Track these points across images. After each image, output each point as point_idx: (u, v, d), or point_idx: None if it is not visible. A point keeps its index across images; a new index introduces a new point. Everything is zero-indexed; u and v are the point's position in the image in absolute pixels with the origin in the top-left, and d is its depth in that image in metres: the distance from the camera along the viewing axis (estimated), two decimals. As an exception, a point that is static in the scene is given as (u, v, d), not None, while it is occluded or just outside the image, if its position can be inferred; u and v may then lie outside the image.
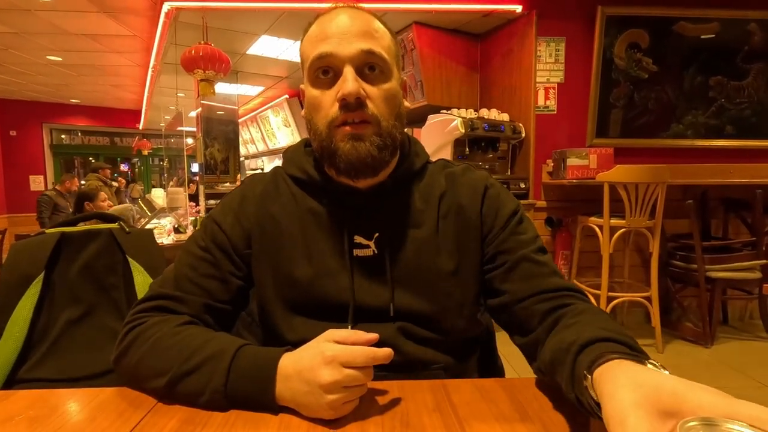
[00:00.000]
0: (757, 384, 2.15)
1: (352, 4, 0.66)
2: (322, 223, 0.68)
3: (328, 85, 0.63)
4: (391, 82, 0.65)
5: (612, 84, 2.93)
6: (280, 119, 6.26)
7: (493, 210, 0.70)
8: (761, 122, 3.02)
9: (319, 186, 0.69)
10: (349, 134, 0.62)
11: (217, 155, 4.78)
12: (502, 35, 3.30)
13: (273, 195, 0.71)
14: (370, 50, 0.61)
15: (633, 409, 0.33)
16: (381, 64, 0.63)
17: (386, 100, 0.64)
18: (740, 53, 2.95)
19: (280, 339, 0.67)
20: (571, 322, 0.55)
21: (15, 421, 0.48)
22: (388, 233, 0.67)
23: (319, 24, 0.65)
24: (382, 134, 0.63)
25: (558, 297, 0.61)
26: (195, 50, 2.83)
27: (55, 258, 0.91)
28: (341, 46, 0.61)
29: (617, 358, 0.40)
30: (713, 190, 2.93)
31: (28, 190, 7.01)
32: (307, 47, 0.65)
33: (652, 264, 2.52)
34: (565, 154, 2.77)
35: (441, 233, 0.68)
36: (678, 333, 2.78)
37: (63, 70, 5.41)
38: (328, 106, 0.62)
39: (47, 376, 0.83)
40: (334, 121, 0.62)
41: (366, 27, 0.63)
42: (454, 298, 0.68)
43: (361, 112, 0.61)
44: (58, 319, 0.89)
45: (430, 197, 0.70)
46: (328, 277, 0.66)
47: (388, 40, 0.66)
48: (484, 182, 0.72)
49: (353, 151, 0.61)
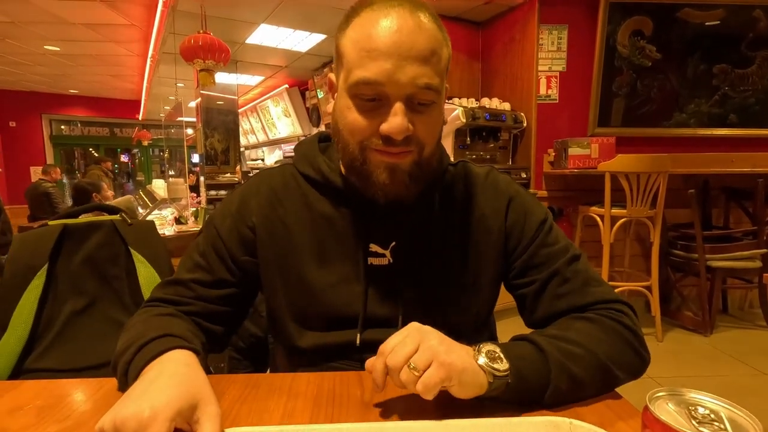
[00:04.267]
0: (755, 372, 2.17)
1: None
2: (336, 229, 0.65)
3: (370, 109, 0.56)
4: (439, 107, 0.59)
5: (615, 72, 2.91)
6: (280, 109, 6.22)
7: (519, 223, 0.66)
8: (765, 111, 3.00)
9: (334, 190, 0.65)
10: (387, 164, 0.56)
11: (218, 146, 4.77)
12: (503, 23, 3.26)
13: (281, 196, 0.68)
14: (428, 85, 0.54)
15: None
16: (434, 97, 0.56)
17: (432, 127, 0.58)
18: (745, 40, 2.92)
19: (291, 345, 0.67)
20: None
21: (24, 410, 0.49)
22: (405, 243, 0.64)
23: (371, 27, 0.54)
24: (421, 163, 0.58)
25: (585, 312, 0.61)
26: (194, 40, 2.81)
27: (58, 250, 0.92)
28: (396, 76, 0.53)
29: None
30: (715, 180, 2.92)
31: (29, 181, 7.01)
32: (350, 52, 0.56)
33: (653, 253, 2.52)
34: (566, 143, 2.76)
35: (460, 244, 0.66)
36: (678, 322, 2.80)
37: (61, 60, 5.37)
38: (365, 130, 0.56)
39: (53, 366, 0.84)
40: (371, 144, 0.56)
41: (428, 46, 0.54)
42: (469, 311, 0.66)
43: (404, 145, 0.56)
44: (62, 310, 0.90)
45: (450, 204, 0.67)
46: (341, 285, 0.64)
47: (445, 57, 0.58)
48: (508, 191, 0.68)
49: (388, 182, 0.57)
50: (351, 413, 0.48)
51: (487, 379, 0.47)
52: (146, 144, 8.36)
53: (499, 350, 0.49)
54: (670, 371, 2.21)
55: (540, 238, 0.65)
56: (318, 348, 0.64)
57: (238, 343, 1.00)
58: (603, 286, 0.63)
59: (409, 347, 0.46)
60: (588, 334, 0.55)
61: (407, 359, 0.45)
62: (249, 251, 0.67)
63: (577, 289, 0.61)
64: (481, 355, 0.48)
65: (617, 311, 0.59)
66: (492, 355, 0.48)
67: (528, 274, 0.65)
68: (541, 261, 0.64)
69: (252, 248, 0.67)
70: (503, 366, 0.47)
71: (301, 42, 4.32)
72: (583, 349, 0.52)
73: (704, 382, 2.08)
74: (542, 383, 0.49)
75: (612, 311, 0.59)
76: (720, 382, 2.08)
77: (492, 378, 0.47)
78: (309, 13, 3.58)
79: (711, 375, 2.15)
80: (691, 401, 0.31)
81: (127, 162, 9.34)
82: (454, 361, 0.45)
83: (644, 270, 2.88)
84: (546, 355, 0.50)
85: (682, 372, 2.20)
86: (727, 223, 3.00)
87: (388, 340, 0.48)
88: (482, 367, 0.47)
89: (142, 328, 0.56)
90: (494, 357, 0.48)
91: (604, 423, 0.45)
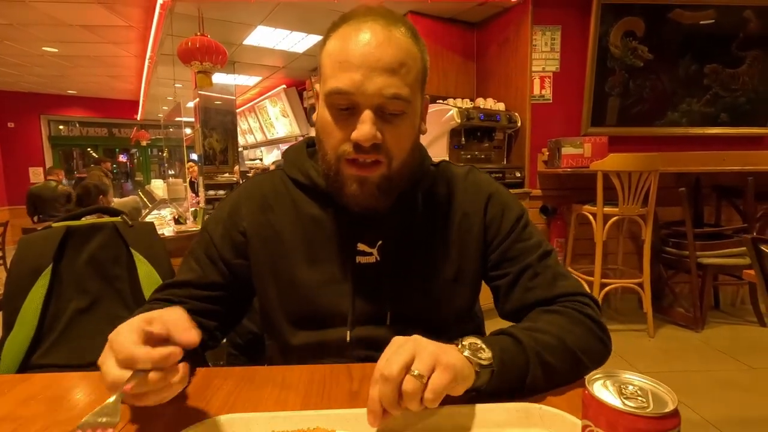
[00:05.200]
0: (745, 367, 2.21)
1: (382, 14, 0.60)
2: (325, 230, 0.68)
3: (343, 118, 0.59)
4: (411, 118, 0.62)
5: (607, 72, 2.94)
6: (278, 109, 6.25)
7: (497, 218, 0.70)
8: (755, 110, 3.04)
9: (322, 193, 0.68)
10: (356, 177, 0.60)
11: (216, 146, 4.79)
12: (498, 24, 3.29)
13: (272, 201, 0.71)
14: (395, 95, 0.57)
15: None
16: (403, 107, 0.59)
17: (403, 138, 0.61)
18: (735, 40, 2.96)
19: (284, 343, 0.70)
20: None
21: (35, 400, 0.53)
22: (391, 241, 0.67)
23: (344, 41, 0.58)
24: (391, 177, 0.61)
25: (553, 304, 0.65)
26: (191, 42, 2.83)
27: (62, 250, 0.96)
28: (364, 86, 0.56)
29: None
30: (706, 178, 2.96)
31: (28, 182, 7.03)
32: (327, 63, 0.60)
33: (645, 251, 2.56)
34: (560, 143, 2.80)
35: (443, 240, 0.69)
36: (669, 318, 2.84)
37: (59, 61, 5.39)
38: (339, 137, 0.59)
39: (58, 362, 0.88)
40: (344, 155, 0.60)
41: (396, 58, 0.57)
42: (454, 304, 0.70)
43: (375, 153, 0.59)
44: (66, 309, 0.94)
45: (433, 204, 0.70)
46: (330, 284, 0.67)
47: (416, 69, 0.60)
48: (488, 189, 0.72)
49: (359, 193, 0.61)
50: (340, 403, 0.52)
51: (474, 369, 0.48)
52: (144, 144, 8.37)
53: (480, 341, 0.52)
54: (661, 366, 2.25)
55: (515, 233, 0.69)
56: (310, 346, 0.68)
57: (235, 339, 1.03)
58: (570, 281, 0.67)
59: (405, 357, 0.44)
60: (557, 324, 0.59)
61: (406, 368, 0.43)
62: (241, 255, 0.70)
63: (547, 283, 0.66)
64: (465, 349, 0.50)
65: (582, 303, 0.63)
66: (474, 347, 0.51)
67: (502, 267, 0.69)
68: (515, 255, 0.68)
69: (244, 252, 0.70)
70: (487, 355, 0.50)
71: (298, 43, 4.35)
72: (554, 339, 0.56)
73: (694, 377, 2.12)
74: (522, 371, 0.52)
75: (577, 303, 0.63)
76: (710, 376, 2.12)
77: (478, 368, 0.48)
78: (305, 15, 3.61)
79: (701, 370, 2.20)
80: (623, 381, 0.35)
81: (126, 162, 9.35)
82: (455, 362, 0.45)
83: (637, 267, 2.93)
84: (523, 345, 0.54)
85: (672, 367, 2.24)
86: (719, 221, 3.04)
87: (381, 360, 0.46)
88: (468, 359, 0.49)
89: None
90: (477, 348, 0.50)
91: (573, 409, 0.48)
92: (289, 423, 0.46)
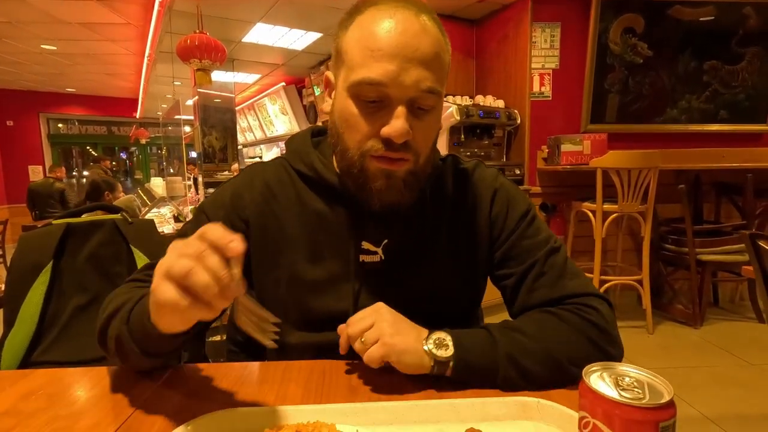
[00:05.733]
0: (743, 363, 2.22)
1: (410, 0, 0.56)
2: (329, 226, 0.65)
3: (370, 111, 0.55)
4: (438, 113, 0.59)
5: (607, 69, 2.94)
6: (277, 107, 6.24)
7: (502, 214, 0.67)
8: (754, 106, 3.04)
9: (328, 187, 0.65)
10: (384, 172, 0.57)
11: (216, 143, 4.79)
12: (497, 21, 3.29)
13: (276, 191, 0.67)
14: (430, 89, 0.54)
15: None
16: (434, 102, 0.57)
17: (430, 134, 0.59)
18: (735, 37, 2.95)
19: (281, 343, 0.66)
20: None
21: (36, 395, 0.53)
22: (397, 240, 0.65)
23: (375, 26, 0.54)
24: (417, 172, 0.59)
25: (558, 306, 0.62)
26: (190, 40, 2.83)
27: (62, 248, 0.96)
28: (400, 78, 0.53)
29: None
30: (705, 175, 2.97)
31: (27, 180, 7.03)
32: (353, 50, 0.55)
33: (644, 248, 2.57)
34: (559, 140, 2.80)
35: (450, 239, 0.67)
36: (668, 315, 2.85)
37: (58, 59, 5.38)
38: (366, 132, 0.56)
39: (58, 359, 0.88)
40: (371, 151, 0.56)
41: (432, 49, 0.54)
42: (459, 305, 0.69)
43: (404, 151, 0.56)
44: (67, 306, 0.94)
45: (440, 200, 0.68)
46: (332, 283, 0.64)
47: (447, 62, 0.58)
48: (493, 184, 0.69)
49: (384, 188, 0.58)
50: (339, 396, 0.52)
51: (430, 363, 0.53)
52: (144, 142, 8.37)
53: (449, 339, 0.54)
54: (661, 362, 2.26)
55: (520, 229, 0.66)
56: (309, 346, 0.66)
57: (236, 336, 1.04)
58: (578, 279, 0.63)
59: (365, 323, 0.54)
60: (548, 329, 0.57)
61: (362, 333, 0.54)
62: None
63: (551, 283, 0.63)
64: (429, 341, 0.54)
65: (588, 306, 0.59)
66: (439, 342, 0.54)
67: (507, 266, 0.66)
68: (520, 253, 0.65)
69: (245, 241, 0.68)
70: (447, 353, 0.53)
71: (297, 41, 4.34)
72: (537, 344, 0.55)
73: (693, 373, 2.13)
74: (491, 371, 0.53)
75: (583, 307, 0.59)
76: (709, 372, 2.13)
77: (433, 362, 0.53)
78: (304, 12, 3.61)
79: (700, 366, 2.20)
80: (620, 372, 0.36)
81: (125, 160, 9.35)
82: (397, 344, 0.52)
83: (636, 264, 2.93)
84: (497, 347, 0.54)
85: (672, 363, 2.25)
86: (718, 218, 3.04)
87: (354, 315, 0.57)
88: (427, 352, 0.53)
89: (126, 297, 0.56)
90: (441, 344, 0.54)
91: (571, 403, 0.47)
92: (289, 417, 0.46)
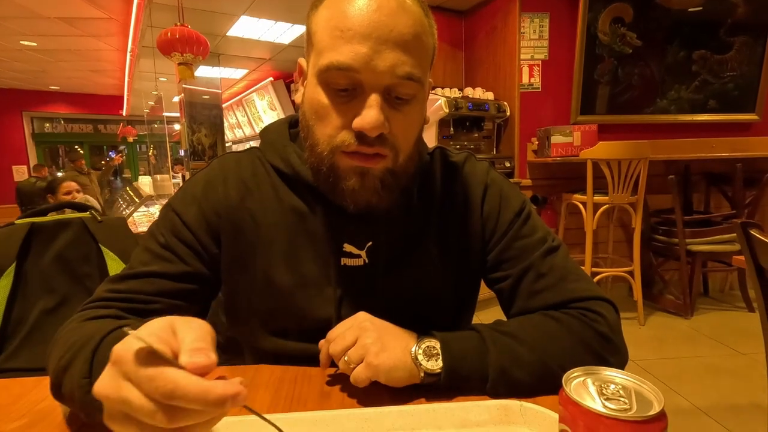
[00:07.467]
0: (733, 352, 2.22)
1: None
2: (308, 227, 0.59)
3: (342, 100, 0.50)
4: (420, 104, 0.53)
5: (596, 60, 2.91)
6: (265, 102, 6.17)
7: (494, 213, 0.62)
8: (743, 96, 3.04)
9: (306, 185, 0.58)
10: (357, 169, 0.51)
11: (205, 140, 4.72)
12: (486, 12, 3.25)
13: (251, 185, 0.60)
14: (409, 74, 0.48)
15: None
16: (415, 90, 0.50)
17: (411, 128, 0.53)
18: (724, 26, 2.94)
19: (256, 351, 0.63)
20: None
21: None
22: (382, 242, 0.59)
23: (347, 3, 0.48)
24: (396, 171, 0.53)
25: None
26: (171, 32, 2.75)
27: (27, 249, 0.91)
28: (372, 62, 0.47)
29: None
30: (695, 165, 2.96)
31: (11, 180, 6.89)
32: (321, 31, 0.50)
33: (635, 239, 2.56)
34: (549, 131, 2.77)
35: (440, 240, 0.61)
36: (659, 306, 2.85)
37: (39, 56, 5.26)
38: (336, 124, 0.50)
39: (23, 366, 0.84)
40: (342, 146, 0.50)
41: (411, 29, 0.48)
42: (449, 309, 0.64)
43: (379, 145, 0.50)
44: (32, 310, 0.89)
45: (429, 198, 0.62)
46: (311, 288, 0.58)
47: (429, 45, 0.52)
48: (484, 179, 0.64)
49: (358, 188, 0.52)
50: (310, 403, 0.49)
51: (420, 375, 0.49)
52: (132, 140, 8.24)
53: (439, 347, 0.50)
54: (652, 354, 2.25)
55: (514, 229, 0.61)
56: (284, 355, 0.60)
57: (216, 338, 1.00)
58: (581, 282, 0.58)
59: (347, 340, 0.50)
60: (547, 336, 0.53)
61: (345, 351, 0.49)
62: (216, 241, 0.59)
63: (553, 286, 0.57)
64: (419, 352, 0.49)
65: (593, 312, 0.55)
66: (429, 352, 0.50)
67: (501, 268, 0.61)
68: (515, 254, 0.60)
69: (217, 239, 0.59)
70: (437, 365, 0.49)
71: (283, 34, 4.27)
72: (532, 354, 0.51)
73: (684, 364, 2.13)
74: (480, 380, 0.49)
75: (588, 312, 0.55)
76: (699, 362, 2.13)
77: (423, 374, 0.49)
78: (289, 4, 3.54)
79: (691, 356, 2.20)
80: (604, 379, 0.32)
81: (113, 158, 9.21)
82: (383, 363, 0.47)
83: (627, 256, 2.93)
84: (488, 356, 0.50)
85: (663, 354, 2.25)
86: (708, 208, 3.05)
87: (334, 328, 0.52)
88: (416, 364, 0.49)
89: (80, 340, 0.45)
90: (431, 354, 0.50)
91: (555, 406, 0.46)
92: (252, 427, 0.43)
